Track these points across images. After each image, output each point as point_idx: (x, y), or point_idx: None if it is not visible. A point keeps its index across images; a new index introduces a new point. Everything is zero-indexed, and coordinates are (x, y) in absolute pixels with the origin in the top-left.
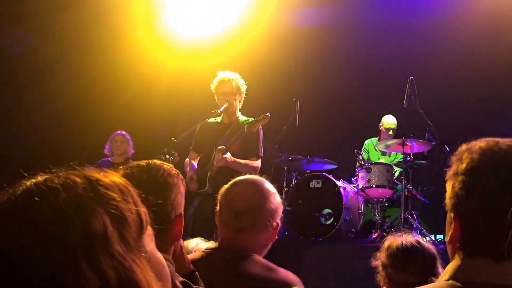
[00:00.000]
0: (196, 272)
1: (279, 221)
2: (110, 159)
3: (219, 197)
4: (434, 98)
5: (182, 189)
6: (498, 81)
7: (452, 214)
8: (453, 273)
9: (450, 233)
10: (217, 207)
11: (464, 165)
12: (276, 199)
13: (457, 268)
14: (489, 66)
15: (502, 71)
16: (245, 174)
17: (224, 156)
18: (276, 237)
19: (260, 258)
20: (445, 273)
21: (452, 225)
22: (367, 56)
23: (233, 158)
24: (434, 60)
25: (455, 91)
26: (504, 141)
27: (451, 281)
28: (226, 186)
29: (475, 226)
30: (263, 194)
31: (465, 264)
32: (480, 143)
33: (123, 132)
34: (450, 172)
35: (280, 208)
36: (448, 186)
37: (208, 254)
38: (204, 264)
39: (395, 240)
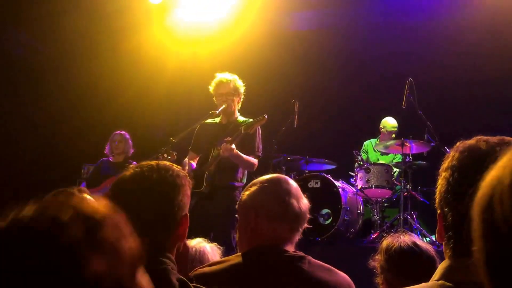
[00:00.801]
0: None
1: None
2: (110, 158)
3: (257, 192)
4: (433, 99)
5: (189, 191)
6: (497, 82)
7: (438, 212)
8: (444, 273)
9: (437, 230)
10: (256, 204)
11: (447, 162)
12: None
13: (447, 268)
14: (488, 67)
15: (501, 72)
16: (242, 170)
17: (231, 146)
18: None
19: (313, 259)
20: (436, 273)
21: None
22: (366, 57)
23: (237, 151)
24: (433, 61)
25: (454, 92)
26: (489, 139)
27: (441, 281)
28: (262, 180)
29: (457, 225)
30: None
31: (454, 264)
32: (469, 141)
33: (122, 132)
34: (440, 170)
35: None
36: (438, 183)
37: (251, 256)
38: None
39: (392, 242)
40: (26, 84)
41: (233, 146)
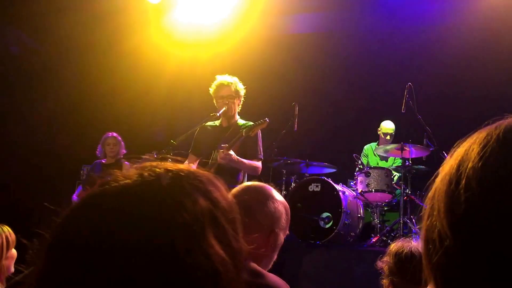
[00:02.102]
0: None
1: (276, 229)
2: (103, 161)
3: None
4: (433, 104)
5: None
6: (496, 87)
7: None
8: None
9: None
10: None
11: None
12: (277, 206)
13: None
14: (488, 73)
15: (501, 77)
16: (245, 173)
17: (229, 152)
18: (273, 249)
19: (250, 264)
20: None
21: None
22: (366, 61)
23: (236, 157)
24: (432, 66)
25: (454, 97)
26: None
27: None
28: (233, 191)
29: None
30: (263, 198)
31: None
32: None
33: (114, 134)
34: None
35: (282, 217)
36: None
37: None
38: None
39: (403, 246)
40: (24, 84)
41: (232, 152)
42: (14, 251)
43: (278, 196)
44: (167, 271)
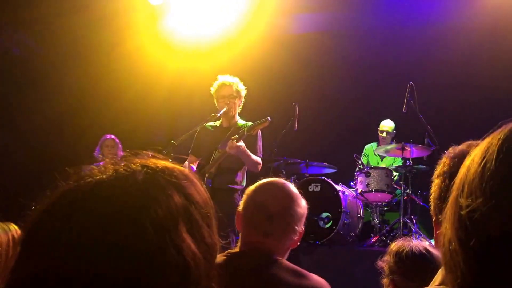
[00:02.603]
0: None
1: (303, 226)
2: (101, 163)
3: (244, 198)
4: (434, 104)
5: None
6: (498, 86)
7: (434, 218)
8: (444, 278)
9: (434, 237)
10: (241, 209)
11: (439, 169)
12: (303, 204)
13: None
14: (489, 72)
15: (502, 76)
16: (244, 173)
17: (238, 144)
18: (299, 243)
19: (288, 263)
20: (436, 278)
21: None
22: (367, 61)
23: (245, 148)
24: (434, 66)
25: (455, 96)
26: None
27: (442, 286)
28: (252, 187)
29: None
30: (294, 198)
31: None
32: (461, 146)
33: (113, 136)
34: (433, 177)
35: (306, 214)
36: (431, 190)
37: (232, 259)
38: (230, 270)
39: (404, 245)
40: (22, 85)
41: (241, 143)
42: None
43: (297, 191)
44: (138, 267)
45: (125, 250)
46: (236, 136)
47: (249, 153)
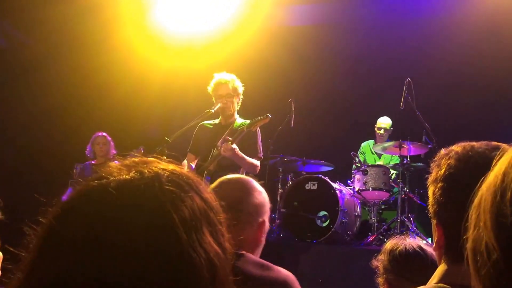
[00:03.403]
0: None
1: (265, 218)
2: (93, 162)
3: None
4: (432, 100)
5: None
6: (496, 83)
7: (435, 221)
8: (442, 277)
9: (435, 240)
10: None
11: (442, 171)
12: (262, 196)
13: (445, 273)
14: (488, 68)
15: (501, 73)
16: (244, 170)
17: (232, 146)
18: (264, 236)
19: (252, 256)
20: (434, 276)
21: (436, 232)
22: (364, 57)
23: (239, 152)
24: (431, 62)
25: (453, 93)
26: (479, 145)
27: (440, 284)
28: (212, 185)
29: (457, 234)
30: (247, 190)
31: (451, 269)
32: (457, 148)
33: (104, 134)
34: (430, 179)
35: (266, 205)
36: (430, 193)
37: None
38: None
39: (397, 244)
40: (8, 79)
41: (235, 146)
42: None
43: (258, 185)
44: (170, 265)
45: (156, 248)
46: (230, 138)
47: (244, 156)
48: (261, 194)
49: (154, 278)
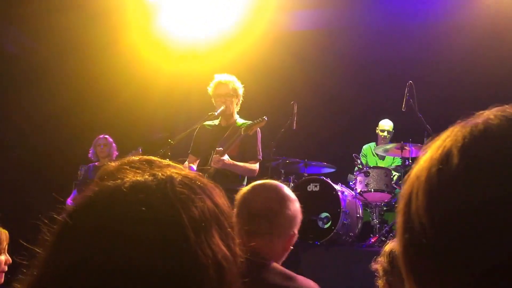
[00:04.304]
0: None
1: (295, 230)
2: (96, 163)
3: (236, 198)
4: (433, 103)
5: None
6: (497, 86)
7: None
8: None
9: None
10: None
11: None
12: (295, 206)
13: None
14: (489, 71)
15: (502, 76)
16: (242, 176)
17: (222, 158)
18: (292, 247)
19: (278, 266)
20: None
21: None
22: (366, 60)
23: (231, 161)
24: (433, 65)
25: (454, 95)
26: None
27: None
28: (244, 189)
29: None
30: (282, 200)
31: None
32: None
33: (106, 136)
34: None
35: (298, 217)
36: None
37: None
38: None
39: (397, 245)
40: (17, 83)
41: (225, 157)
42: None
43: (291, 194)
44: (178, 262)
45: (166, 245)
46: (221, 149)
47: (236, 163)
48: (295, 204)
49: (161, 268)
